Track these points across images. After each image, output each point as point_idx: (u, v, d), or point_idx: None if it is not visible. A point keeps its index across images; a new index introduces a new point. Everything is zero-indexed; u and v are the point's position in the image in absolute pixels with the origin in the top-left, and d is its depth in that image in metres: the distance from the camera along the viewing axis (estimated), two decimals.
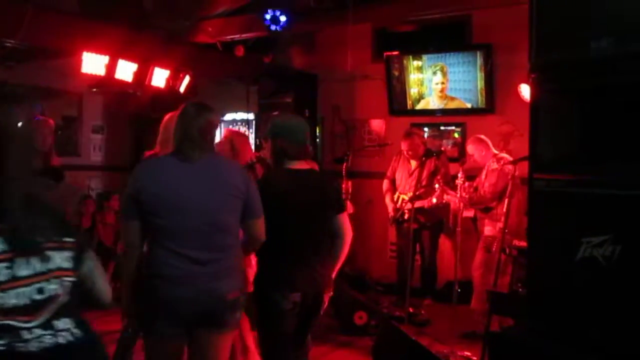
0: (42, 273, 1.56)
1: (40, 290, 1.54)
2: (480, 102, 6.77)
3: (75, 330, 1.62)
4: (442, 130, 7.18)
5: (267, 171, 3.33)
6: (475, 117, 6.87)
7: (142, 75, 6.49)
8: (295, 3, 5.97)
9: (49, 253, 1.59)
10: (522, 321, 2.31)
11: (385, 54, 7.20)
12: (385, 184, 6.60)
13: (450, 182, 5.81)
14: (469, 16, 6.81)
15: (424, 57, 7.01)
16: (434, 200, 5.81)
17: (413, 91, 7.20)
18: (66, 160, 7.39)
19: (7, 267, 1.49)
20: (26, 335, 1.50)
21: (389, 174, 6.60)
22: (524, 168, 2.24)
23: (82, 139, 8.05)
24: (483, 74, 6.63)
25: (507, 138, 6.59)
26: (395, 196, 6.39)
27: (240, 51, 7.09)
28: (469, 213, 5.75)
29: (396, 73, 7.20)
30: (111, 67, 6.12)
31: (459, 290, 5.10)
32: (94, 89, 7.48)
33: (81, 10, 6.07)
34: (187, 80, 6.94)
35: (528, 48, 1.94)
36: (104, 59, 6.05)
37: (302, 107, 7.40)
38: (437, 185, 5.89)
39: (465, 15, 6.75)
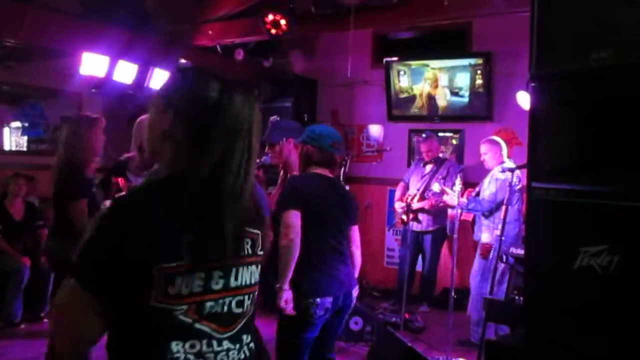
0: (244, 287, 1.55)
1: (239, 303, 1.53)
2: (479, 109, 6.79)
3: (252, 345, 1.60)
4: (440, 136, 7.20)
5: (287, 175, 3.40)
6: (474, 124, 6.89)
7: (142, 77, 6.49)
8: (296, 8, 5.98)
9: (252, 267, 1.58)
10: (518, 329, 2.31)
11: (384, 60, 7.22)
12: (398, 190, 6.66)
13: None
14: (469, 23, 6.84)
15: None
16: (436, 189, 5.89)
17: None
18: None
19: (221, 277, 1.48)
20: (216, 346, 1.48)
21: (405, 177, 6.68)
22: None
23: None
24: (482, 81, 6.65)
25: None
26: (405, 198, 6.46)
27: (240, 55, 7.09)
28: (468, 216, 5.78)
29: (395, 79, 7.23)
30: (111, 68, 6.12)
31: (455, 297, 5.10)
32: (94, 90, 7.47)
33: (82, 10, 6.07)
34: None
35: (528, 56, 1.95)
36: (104, 60, 6.05)
37: (302, 111, 7.41)
38: (437, 185, 5.94)
39: (465, 23, 6.78)
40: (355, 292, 3.32)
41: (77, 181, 3.73)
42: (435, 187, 5.99)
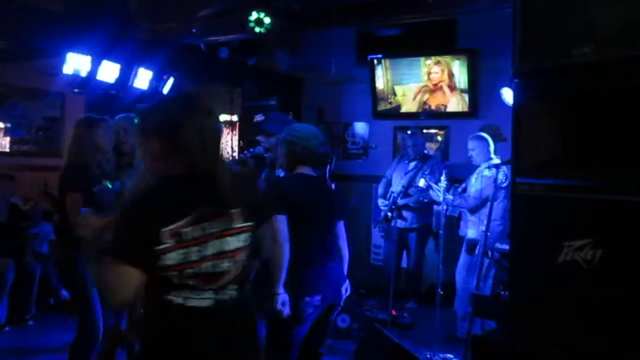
0: (221, 253, 2.05)
1: (215, 266, 2.04)
2: (464, 105, 6.82)
3: (233, 294, 2.10)
4: (425, 133, 7.22)
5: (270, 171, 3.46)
6: (459, 121, 6.92)
7: (125, 77, 6.45)
8: (280, 5, 5.96)
9: (229, 238, 2.06)
10: (504, 324, 2.33)
11: (369, 56, 7.22)
12: (381, 187, 6.66)
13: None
14: (454, 20, 6.85)
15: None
16: (421, 184, 5.89)
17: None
18: (48, 161, 7.34)
19: (198, 251, 2.00)
20: (200, 295, 2.02)
21: (387, 173, 6.68)
22: None
23: (65, 140, 7.95)
24: (467, 78, 6.68)
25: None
26: (388, 194, 6.46)
27: (224, 53, 7.07)
28: (454, 211, 5.79)
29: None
30: (94, 68, 6.08)
31: (442, 292, 5.12)
32: (77, 90, 7.42)
33: (65, 10, 6.02)
34: (170, 81, 6.90)
35: (512, 53, 1.96)
36: (87, 60, 6.00)
37: (287, 109, 7.39)
38: (422, 180, 5.96)
39: (450, 20, 6.79)
40: (344, 289, 3.34)
41: (79, 176, 3.76)
42: (421, 182, 6.00)
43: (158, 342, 2.08)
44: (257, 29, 5.84)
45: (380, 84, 7.25)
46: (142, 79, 6.61)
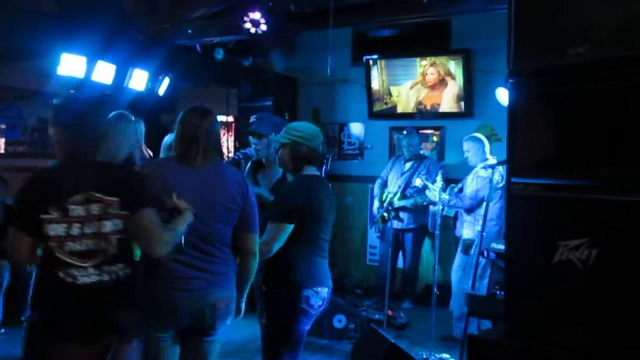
0: (97, 234, 2.36)
1: (95, 244, 2.36)
2: (459, 106, 6.83)
3: (114, 270, 2.39)
4: (421, 134, 7.23)
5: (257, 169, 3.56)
6: (454, 121, 6.93)
7: (121, 77, 6.43)
8: (275, 6, 5.96)
9: (105, 222, 2.36)
10: (500, 323, 2.33)
11: (364, 57, 7.23)
12: (377, 186, 6.67)
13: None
14: (448, 21, 6.87)
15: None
16: (417, 183, 5.89)
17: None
18: (43, 162, 7.32)
19: (79, 227, 2.34)
20: (82, 271, 2.33)
21: (382, 174, 6.69)
22: None
23: None
24: (462, 78, 6.69)
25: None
26: (384, 195, 6.46)
27: (219, 54, 7.06)
28: (450, 211, 5.80)
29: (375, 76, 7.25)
30: (89, 69, 6.05)
31: (438, 293, 5.13)
32: (72, 90, 7.39)
33: (59, 10, 5.99)
34: (166, 82, 6.89)
35: (506, 53, 1.96)
36: (82, 60, 5.98)
37: (282, 110, 7.40)
38: (419, 179, 5.96)
39: (444, 20, 6.80)
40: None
41: None
42: (418, 181, 6.01)
43: (47, 318, 2.38)
44: (253, 30, 5.84)
45: (375, 84, 7.26)
46: (138, 79, 6.59)
